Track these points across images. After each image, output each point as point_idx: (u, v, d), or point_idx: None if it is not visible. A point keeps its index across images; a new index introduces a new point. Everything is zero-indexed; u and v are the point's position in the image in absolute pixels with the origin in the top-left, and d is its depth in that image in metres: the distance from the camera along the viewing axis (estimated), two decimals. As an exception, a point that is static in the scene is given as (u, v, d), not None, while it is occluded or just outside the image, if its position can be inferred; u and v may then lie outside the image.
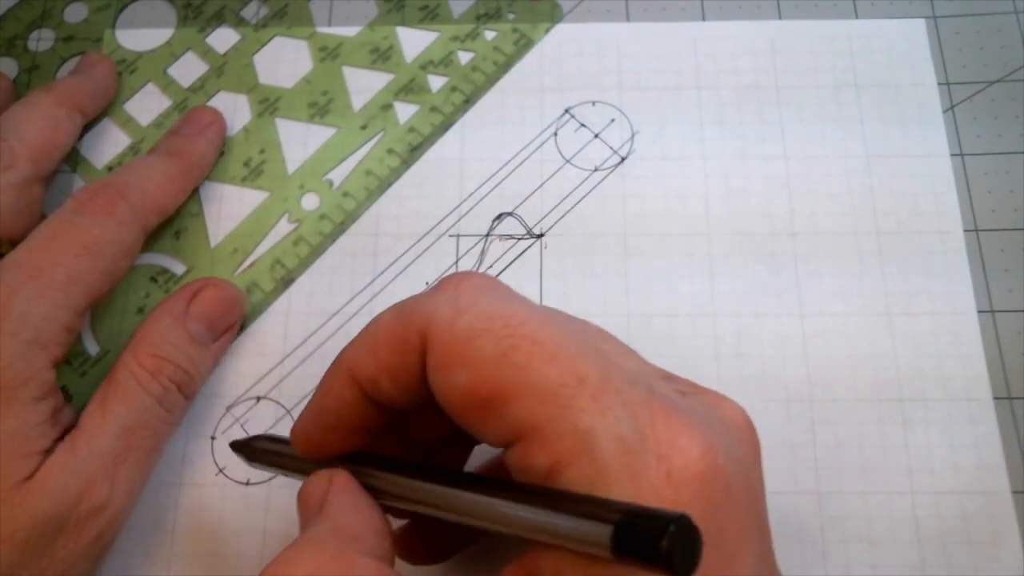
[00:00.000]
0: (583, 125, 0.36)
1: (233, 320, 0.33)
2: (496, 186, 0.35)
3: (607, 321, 0.33)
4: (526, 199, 0.35)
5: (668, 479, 0.19)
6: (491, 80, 0.37)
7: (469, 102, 0.36)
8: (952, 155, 0.35)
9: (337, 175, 0.36)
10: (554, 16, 0.38)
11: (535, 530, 0.19)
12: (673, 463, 0.19)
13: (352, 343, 0.23)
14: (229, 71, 0.38)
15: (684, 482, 0.19)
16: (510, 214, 0.35)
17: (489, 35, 0.37)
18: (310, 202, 0.35)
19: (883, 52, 0.36)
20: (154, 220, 0.32)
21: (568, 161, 0.35)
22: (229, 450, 0.32)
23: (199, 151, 0.34)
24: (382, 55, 0.37)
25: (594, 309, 0.33)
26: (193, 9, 0.39)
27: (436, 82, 0.37)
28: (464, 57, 0.37)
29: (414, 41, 0.38)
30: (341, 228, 0.35)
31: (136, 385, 0.29)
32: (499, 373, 0.20)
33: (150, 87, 0.37)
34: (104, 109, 0.37)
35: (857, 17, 0.37)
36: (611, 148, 0.35)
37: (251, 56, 0.38)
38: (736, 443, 0.21)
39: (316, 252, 0.34)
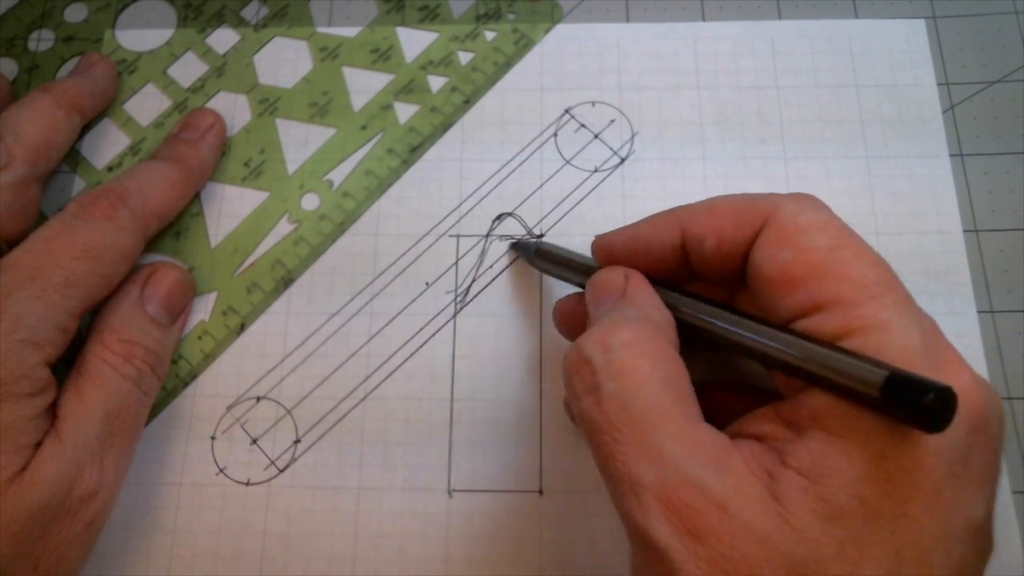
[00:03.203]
0: (583, 125, 0.36)
1: (187, 300, 0.33)
2: (496, 186, 0.35)
3: (607, 321, 0.33)
4: (526, 199, 0.35)
5: None
6: (491, 80, 0.37)
7: (469, 102, 0.36)
8: (952, 155, 0.35)
9: (337, 175, 0.36)
10: (554, 16, 0.38)
11: (815, 362, 0.22)
12: (947, 380, 0.20)
13: (689, 205, 0.26)
14: (229, 71, 0.38)
15: None
16: (510, 214, 0.35)
17: (489, 35, 0.37)
18: (310, 202, 0.35)
19: (883, 52, 0.36)
20: (155, 226, 0.32)
21: (568, 162, 0.35)
22: (229, 450, 0.32)
23: (200, 156, 0.34)
24: (382, 55, 0.37)
25: (594, 309, 0.33)
26: (193, 9, 0.39)
27: (436, 82, 0.37)
28: (464, 57, 0.37)
29: (414, 41, 0.38)
30: (341, 228, 0.35)
31: (111, 371, 0.29)
32: (824, 259, 0.23)
33: (150, 87, 0.37)
34: (104, 109, 0.37)
35: (857, 17, 0.37)
36: (611, 149, 0.35)
37: (251, 56, 0.38)
38: (993, 392, 0.23)
39: (316, 252, 0.34)
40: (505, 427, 0.32)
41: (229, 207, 0.35)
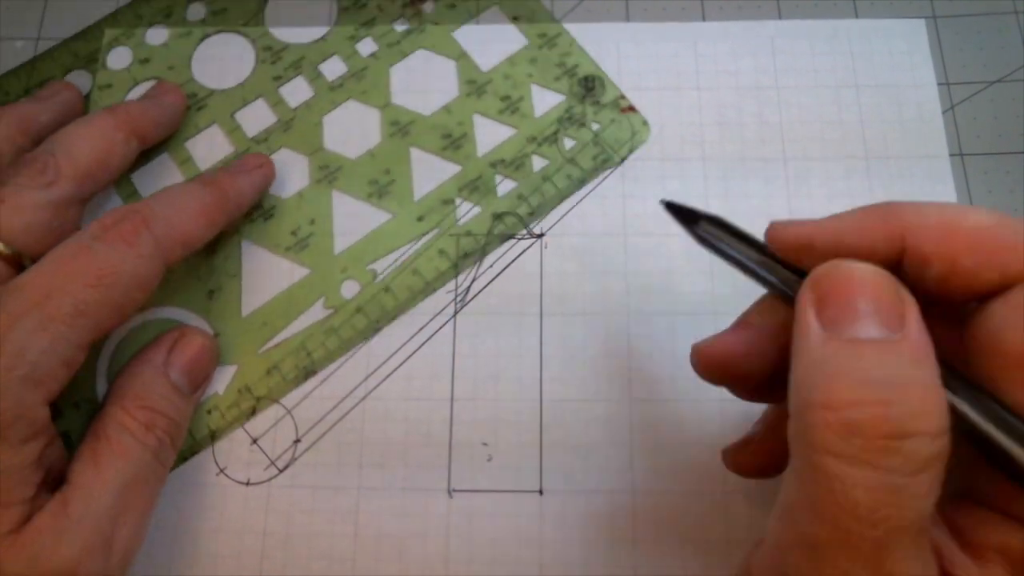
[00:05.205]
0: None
1: (210, 370, 0.32)
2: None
3: (607, 321, 0.34)
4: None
5: None
6: (561, 196, 0.35)
7: (534, 215, 0.35)
8: (952, 155, 0.34)
9: (382, 266, 0.34)
10: (640, 132, 0.36)
11: None
12: None
13: (915, 210, 0.21)
14: (296, 128, 0.36)
15: None
16: (510, 214, 0.35)
17: (568, 143, 0.36)
18: (350, 289, 0.34)
19: (883, 52, 0.36)
20: (179, 253, 0.30)
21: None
22: (229, 450, 0.32)
23: (237, 187, 0.33)
24: (454, 142, 0.36)
25: (594, 309, 0.33)
26: (272, 54, 0.38)
27: (504, 186, 0.35)
28: (537, 163, 0.35)
29: (489, 132, 0.36)
30: (375, 326, 0.33)
31: (131, 439, 0.28)
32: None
33: (215, 129, 0.36)
34: (165, 139, 0.35)
35: (857, 17, 0.37)
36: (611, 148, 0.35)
37: (321, 116, 0.36)
38: None
39: (345, 346, 0.33)
40: (505, 427, 0.32)
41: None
